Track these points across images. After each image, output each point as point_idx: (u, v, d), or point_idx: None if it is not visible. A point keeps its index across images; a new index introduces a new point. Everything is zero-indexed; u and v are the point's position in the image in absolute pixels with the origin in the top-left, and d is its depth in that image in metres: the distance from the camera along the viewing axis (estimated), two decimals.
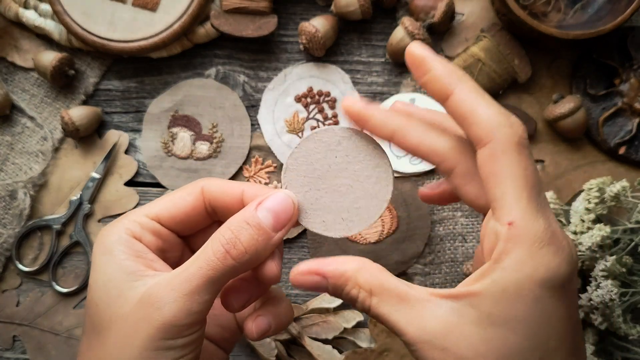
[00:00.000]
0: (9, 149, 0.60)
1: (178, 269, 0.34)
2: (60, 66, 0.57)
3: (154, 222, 0.37)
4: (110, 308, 0.33)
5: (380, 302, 0.32)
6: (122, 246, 0.35)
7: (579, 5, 0.58)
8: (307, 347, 0.55)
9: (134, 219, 0.36)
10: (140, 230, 0.36)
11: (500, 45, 0.58)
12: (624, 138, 0.58)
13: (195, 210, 0.38)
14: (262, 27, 0.58)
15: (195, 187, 0.38)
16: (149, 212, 0.37)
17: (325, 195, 0.38)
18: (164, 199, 0.38)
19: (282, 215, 0.35)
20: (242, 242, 0.33)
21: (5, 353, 0.57)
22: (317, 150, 0.38)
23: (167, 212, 0.37)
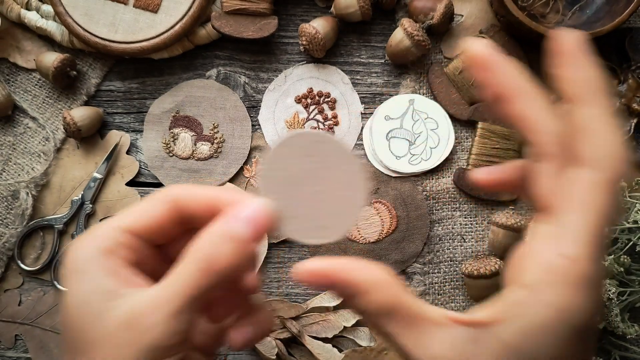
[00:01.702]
0: (11, 150, 0.60)
1: (160, 287, 0.33)
2: (62, 67, 0.57)
3: (128, 235, 0.35)
4: (91, 329, 0.32)
5: (391, 322, 0.31)
6: (97, 264, 0.33)
7: (578, 6, 0.58)
8: (307, 345, 0.55)
9: (106, 233, 0.35)
10: (115, 245, 0.34)
11: (498, 46, 0.58)
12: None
13: (170, 219, 0.36)
14: (263, 28, 0.58)
15: (166, 196, 0.36)
16: (121, 225, 0.35)
17: (302, 202, 0.37)
18: (135, 210, 0.36)
19: (260, 226, 0.33)
20: (223, 256, 0.32)
21: (7, 352, 0.58)
22: (292, 155, 0.37)
23: (141, 224, 0.35)
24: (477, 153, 0.58)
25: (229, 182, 0.60)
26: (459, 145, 0.60)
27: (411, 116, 0.59)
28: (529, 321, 0.27)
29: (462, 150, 0.60)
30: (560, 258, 0.27)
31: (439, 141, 0.59)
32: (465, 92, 0.59)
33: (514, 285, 0.29)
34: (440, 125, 0.59)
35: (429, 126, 0.59)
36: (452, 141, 0.59)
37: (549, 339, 0.27)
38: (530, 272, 0.28)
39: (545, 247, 0.28)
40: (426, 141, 0.59)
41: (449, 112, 0.59)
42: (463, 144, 0.60)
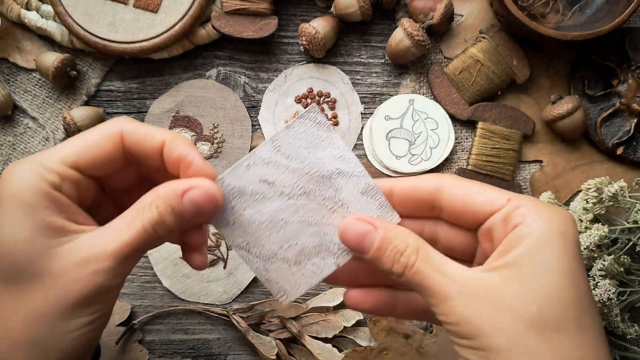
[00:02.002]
0: (11, 150, 0.60)
1: (109, 232, 0.35)
2: (62, 67, 0.57)
3: (73, 171, 0.36)
4: (34, 263, 0.33)
5: (424, 261, 0.35)
6: (44, 199, 0.34)
7: (578, 6, 0.58)
8: (307, 345, 0.55)
9: (50, 166, 0.35)
10: (59, 180, 0.35)
11: (499, 47, 0.58)
12: (622, 138, 0.58)
13: (114, 156, 0.37)
14: (263, 28, 0.58)
15: (112, 129, 0.37)
16: (65, 159, 0.35)
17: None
18: (78, 142, 0.36)
19: (205, 210, 0.36)
20: (167, 223, 0.35)
21: None
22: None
23: (85, 159, 0.36)
24: (477, 153, 0.58)
25: None
26: (459, 145, 0.60)
27: (411, 116, 0.59)
28: (531, 249, 0.33)
29: (462, 150, 0.60)
30: (506, 203, 0.36)
31: (439, 141, 0.59)
32: (465, 92, 0.59)
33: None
34: (440, 125, 0.59)
35: (429, 126, 0.59)
36: (452, 141, 0.59)
37: (549, 252, 0.33)
38: (499, 237, 0.36)
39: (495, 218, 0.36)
40: (426, 141, 0.59)
41: (449, 112, 0.59)
42: (463, 144, 0.60)
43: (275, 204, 0.37)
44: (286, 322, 0.56)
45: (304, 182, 0.38)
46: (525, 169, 0.60)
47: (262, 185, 0.37)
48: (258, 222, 0.37)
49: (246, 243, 0.38)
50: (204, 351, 0.58)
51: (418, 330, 0.56)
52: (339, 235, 0.38)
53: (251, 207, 0.37)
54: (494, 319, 0.32)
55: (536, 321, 0.32)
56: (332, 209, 0.38)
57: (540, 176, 0.59)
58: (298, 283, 0.39)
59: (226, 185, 0.37)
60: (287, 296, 0.39)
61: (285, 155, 0.37)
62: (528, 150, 0.60)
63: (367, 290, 0.41)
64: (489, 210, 0.36)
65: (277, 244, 0.38)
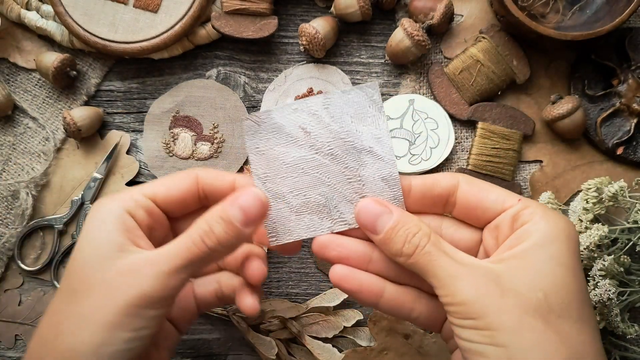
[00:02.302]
0: (11, 150, 0.60)
1: (160, 249, 0.37)
2: (62, 67, 0.57)
3: (149, 201, 0.40)
4: (93, 273, 0.36)
5: (434, 245, 0.37)
6: (114, 219, 0.38)
7: (578, 6, 0.58)
8: (308, 345, 0.55)
9: (130, 194, 0.39)
10: (135, 207, 0.39)
11: (499, 47, 0.58)
12: (622, 138, 0.58)
13: (189, 194, 0.41)
14: (263, 28, 0.58)
15: (190, 173, 0.41)
16: (146, 191, 0.40)
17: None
18: (161, 181, 0.41)
19: (251, 213, 0.38)
20: (215, 234, 0.37)
21: (7, 352, 0.58)
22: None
23: (163, 193, 0.40)
24: (477, 153, 0.58)
25: None
26: (459, 145, 0.60)
27: (411, 116, 0.59)
28: (538, 240, 0.35)
29: (462, 150, 0.60)
30: (517, 202, 0.38)
31: (439, 141, 0.59)
32: (465, 92, 0.59)
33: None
34: (440, 125, 0.59)
35: (429, 126, 0.59)
36: (452, 141, 0.59)
37: (556, 246, 0.35)
38: (503, 237, 0.38)
39: (496, 223, 0.39)
40: (426, 141, 0.59)
41: (449, 112, 0.59)
42: (463, 144, 0.60)
43: (303, 152, 0.40)
44: (286, 322, 0.56)
45: (336, 145, 0.40)
46: (525, 169, 0.60)
47: (300, 131, 0.40)
48: (282, 161, 0.40)
49: (265, 175, 0.40)
50: (204, 351, 0.58)
51: (418, 331, 0.56)
52: (355, 213, 0.39)
53: (282, 145, 0.40)
54: (501, 300, 0.33)
55: (542, 305, 0.33)
56: (349, 180, 0.40)
57: (540, 176, 0.59)
58: (290, 230, 0.40)
59: (271, 117, 0.40)
60: (277, 238, 0.41)
61: (330, 115, 0.40)
62: (528, 150, 0.60)
63: (355, 269, 0.41)
64: (500, 207, 0.38)
65: (288, 188, 0.40)
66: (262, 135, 0.40)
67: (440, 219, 0.42)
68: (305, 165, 0.40)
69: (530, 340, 0.32)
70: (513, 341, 0.32)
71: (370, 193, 0.40)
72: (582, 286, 0.35)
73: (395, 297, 0.41)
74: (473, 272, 0.35)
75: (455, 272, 0.35)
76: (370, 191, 0.40)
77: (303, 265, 0.59)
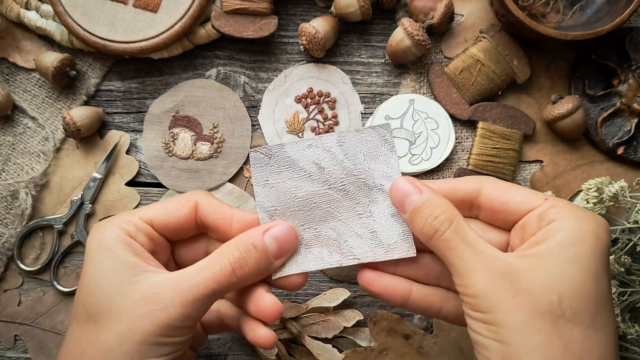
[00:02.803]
0: (10, 149, 0.60)
1: (182, 273, 0.37)
2: (62, 67, 0.57)
3: (148, 225, 0.39)
4: (111, 299, 0.35)
5: (455, 232, 0.36)
6: (121, 243, 0.37)
7: (578, 6, 0.58)
8: (308, 346, 0.55)
9: (129, 219, 0.39)
10: (135, 231, 0.39)
11: (499, 46, 0.58)
12: (623, 138, 0.58)
13: (187, 221, 0.41)
14: (263, 28, 0.58)
15: (189, 199, 0.41)
16: (143, 215, 0.40)
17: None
18: (159, 206, 0.41)
19: (285, 245, 0.38)
20: (249, 263, 0.37)
21: (6, 352, 0.58)
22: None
23: (161, 218, 0.40)
24: (478, 153, 0.58)
25: (229, 182, 0.60)
26: (459, 145, 0.60)
27: (411, 116, 0.59)
28: (562, 242, 0.34)
29: (463, 150, 0.60)
30: (543, 202, 0.37)
31: (439, 141, 0.59)
32: (466, 91, 0.59)
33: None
34: (441, 125, 0.59)
35: (429, 126, 0.59)
36: (452, 141, 0.59)
37: (579, 247, 0.34)
38: (529, 234, 0.37)
39: (523, 222, 0.38)
40: (426, 141, 0.59)
41: (450, 111, 0.59)
42: (463, 143, 0.60)
43: (316, 186, 0.40)
44: (286, 323, 0.56)
45: (349, 181, 0.40)
46: (525, 169, 0.60)
47: (313, 166, 0.40)
48: (294, 195, 0.40)
49: (274, 208, 0.40)
50: (204, 351, 0.58)
51: (418, 331, 0.56)
52: (389, 190, 0.40)
53: (295, 180, 0.40)
54: (512, 298, 0.33)
55: (554, 309, 0.33)
56: (359, 215, 0.40)
57: (540, 176, 0.59)
58: (298, 263, 0.40)
59: (284, 151, 0.40)
60: (283, 271, 0.40)
61: (344, 152, 0.40)
62: (528, 150, 0.60)
63: (382, 273, 0.42)
64: (526, 208, 0.37)
65: (299, 222, 0.40)
66: (273, 168, 0.40)
67: (468, 221, 0.40)
68: (317, 199, 0.40)
69: (534, 342, 0.32)
70: (517, 341, 0.32)
71: (380, 229, 0.40)
72: (602, 291, 0.34)
73: (422, 297, 0.42)
74: (489, 267, 0.34)
75: (472, 265, 0.35)
76: (380, 227, 0.40)
77: None
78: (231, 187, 0.59)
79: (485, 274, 0.34)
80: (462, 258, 0.35)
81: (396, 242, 0.40)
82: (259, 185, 0.40)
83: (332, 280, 0.59)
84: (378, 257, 0.40)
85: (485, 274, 0.34)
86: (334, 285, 0.58)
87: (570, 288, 0.33)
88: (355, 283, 0.58)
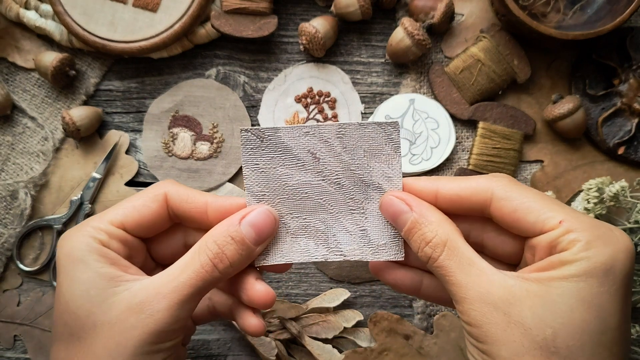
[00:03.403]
0: (9, 149, 0.60)
1: (164, 276, 0.35)
2: (61, 66, 0.57)
3: (120, 230, 0.37)
4: (93, 314, 0.34)
5: (449, 257, 0.34)
6: (94, 254, 0.35)
7: (578, 5, 0.58)
8: (307, 346, 0.55)
9: (98, 226, 0.37)
10: (107, 238, 0.36)
11: (499, 46, 0.58)
12: (623, 138, 0.58)
13: (159, 216, 0.39)
14: (263, 27, 0.58)
15: (157, 193, 0.39)
16: (113, 220, 0.37)
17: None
18: (127, 204, 0.38)
19: (264, 230, 0.37)
20: (228, 256, 0.35)
21: (6, 352, 0.58)
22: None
23: (132, 219, 0.38)
24: (478, 153, 0.58)
25: (229, 182, 0.59)
26: (459, 145, 0.60)
27: (412, 116, 0.59)
28: (570, 274, 0.32)
29: (463, 150, 0.60)
30: (558, 226, 0.34)
31: (440, 141, 0.59)
32: (466, 91, 0.59)
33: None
34: (441, 124, 0.59)
35: (430, 126, 0.59)
36: (452, 141, 0.59)
37: (588, 283, 0.32)
38: (539, 257, 0.35)
39: (537, 241, 0.35)
40: (427, 141, 0.59)
41: (450, 111, 0.59)
42: (464, 143, 0.60)
43: (308, 176, 0.39)
44: (286, 323, 0.56)
45: (345, 175, 0.39)
46: (526, 169, 0.60)
47: (308, 155, 0.39)
48: (285, 182, 0.39)
49: (262, 193, 0.39)
50: (204, 352, 0.58)
51: (418, 331, 0.56)
52: (379, 204, 0.39)
53: (287, 167, 0.39)
54: (505, 331, 0.32)
55: (547, 345, 0.31)
56: (351, 211, 0.39)
57: (541, 176, 0.59)
58: (283, 252, 0.39)
59: (278, 135, 0.39)
60: (267, 259, 0.39)
61: (343, 145, 0.39)
62: (529, 150, 0.60)
63: (393, 264, 0.41)
64: (539, 229, 0.35)
65: (288, 210, 0.39)
66: (265, 152, 0.39)
67: (483, 226, 0.39)
68: (309, 190, 0.39)
69: None
70: None
71: (371, 228, 0.39)
72: (606, 328, 0.31)
73: (434, 288, 0.41)
74: (484, 294, 0.33)
75: (466, 293, 0.33)
76: (372, 226, 0.39)
77: (303, 266, 0.58)
78: (231, 187, 0.59)
79: (479, 303, 0.33)
80: (457, 285, 0.34)
81: (386, 244, 0.39)
82: (248, 168, 0.39)
83: (332, 280, 0.59)
84: (365, 256, 0.39)
85: (479, 303, 0.33)
86: (334, 286, 0.58)
87: (567, 324, 0.31)
88: (356, 283, 0.58)
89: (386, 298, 0.58)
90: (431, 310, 0.57)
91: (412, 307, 0.58)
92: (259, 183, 0.39)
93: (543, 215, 0.34)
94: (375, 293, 0.58)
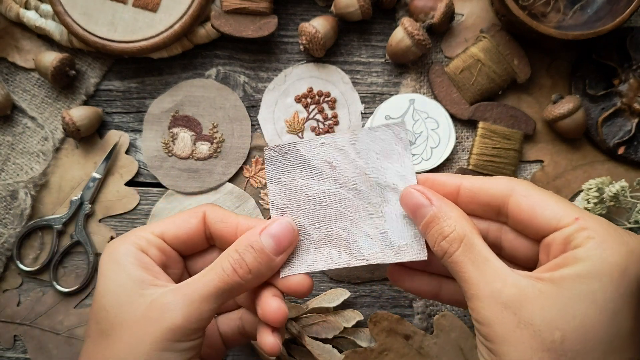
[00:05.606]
0: (10, 149, 0.60)
1: (187, 280, 0.38)
2: (61, 66, 0.57)
3: (159, 239, 0.40)
4: (120, 313, 0.36)
5: (465, 253, 0.35)
6: (130, 257, 0.38)
7: (578, 5, 0.58)
8: (308, 346, 0.55)
9: (141, 234, 0.40)
10: (147, 245, 0.39)
11: (499, 46, 0.58)
12: (623, 138, 0.58)
13: (197, 233, 0.41)
14: (263, 27, 0.58)
15: (197, 211, 0.42)
16: (154, 230, 0.41)
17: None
18: (169, 219, 0.42)
19: (284, 240, 0.38)
20: (247, 262, 0.37)
21: (6, 352, 0.58)
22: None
23: (172, 231, 0.41)
24: (478, 153, 0.58)
25: (229, 182, 0.59)
26: (459, 145, 0.60)
27: (411, 116, 0.59)
28: (582, 273, 0.32)
29: (463, 150, 0.60)
30: (573, 222, 0.34)
31: (440, 141, 0.59)
32: (466, 91, 0.59)
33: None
34: (441, 124, 0.59)
35: (430, 126, 0.59)
36: (452, 141, 0.59)
37: (599, 283, 0.31)
38: (554, 254, 0.35)
39: (552, 237, 0.35)
40: (427, 141, 0.59)
41: (450, 111, 0.59)
42: (464, 143, 0.60)
43: (327, 185, 0.40)
44: (286, 323, 0.56)
45: (360, 180, 0.40)
46: (526, 169, 0.60)
47: (325, 165, 0.40)
48: (306, 194, 0.40)
49: (285, 206, 0.41)
50: None
51: (419, 331, 0.56)
52: (399, 198, 0.39)
53: (307, 178, 0.40)
54: (514, 332, 0.32)
55: (555, 347, 0.31)
56: (370, 215, 0.40)
57: (541, 176, 0.59)
58: (306, 262, 0.40)
59: (297, 149, 0.40)
60: (291, 269, 0.40)
61: (356, 151, 0.40)
62: (529, 150, 0.60)
63: (411, 271, 0.42)
64: (554, 226, 0.35)
65: (310, 220, 0.40)
66: (286, 166, 0.41)
67: (501, 227, 0.39)
68: (329, 198, 0.40)
69: None
70: None
71: (391, 229, 0.39)
72: (617, 331, 0.31)
73: (453, 292, 0.42)
74: (496, 294, 0.33)
75: (478, 291, 0.33)
76: (392, 227, 0.39)
77: None
78: (231, 187, 0.59)
79: (490, 302, 0.33)
80: (470, 282, 0.34)
81: (407, 244, 0.39)
82: (272, 183, 0.41)
83: (332, 280, 0.59)
84: (387, 259, 0.39)
85: (490, 301, 0.33)
86: (334, 286, 0.58)
87: (578, 327, 0.31)
88: (356, 283, 0.58)
89: (386, 298, 0.58)
90: (431, 310, 0.57)
91: (412, 307, 0.58)
92: (282, 196, 0.41)
93: (559, 211, 0.35)
94: (375, 293, 0.58)
